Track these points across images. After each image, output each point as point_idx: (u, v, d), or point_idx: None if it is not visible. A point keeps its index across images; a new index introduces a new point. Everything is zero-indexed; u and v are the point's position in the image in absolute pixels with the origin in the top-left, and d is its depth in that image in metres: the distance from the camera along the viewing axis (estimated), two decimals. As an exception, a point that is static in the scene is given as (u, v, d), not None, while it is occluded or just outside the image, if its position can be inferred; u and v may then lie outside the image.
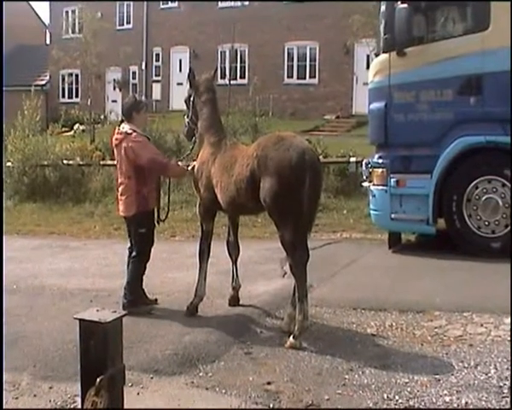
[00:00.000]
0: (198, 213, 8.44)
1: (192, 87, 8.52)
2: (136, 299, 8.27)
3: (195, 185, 8.33)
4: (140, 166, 8.20)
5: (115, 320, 3.89)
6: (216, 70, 8.89)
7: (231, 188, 7.49)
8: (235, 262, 8.53)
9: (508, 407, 5.35)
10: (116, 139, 8.40)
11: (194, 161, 8.49)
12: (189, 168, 8.40)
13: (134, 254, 8.36)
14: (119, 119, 8.85)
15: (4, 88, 28.94)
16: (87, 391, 3.78)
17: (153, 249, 8.51)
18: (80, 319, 3.92)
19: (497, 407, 5.31)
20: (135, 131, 8.27)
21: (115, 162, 8.91)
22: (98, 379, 3.73)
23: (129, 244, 8.53)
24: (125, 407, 4.31)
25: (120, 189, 8.40)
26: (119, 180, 8.44)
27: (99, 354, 3.81)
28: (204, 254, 8.26)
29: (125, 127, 8.32)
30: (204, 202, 8.18)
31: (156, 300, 8.51)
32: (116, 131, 8.49)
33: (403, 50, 10.80)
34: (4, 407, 5.44)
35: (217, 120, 8.36)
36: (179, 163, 8.62)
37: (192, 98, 8.49)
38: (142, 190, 8.25)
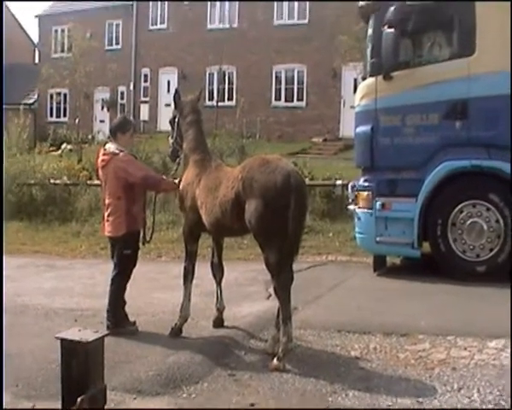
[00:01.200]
0: (183, 234, 8.45)
1: (177, 108, 8.56)
2: (120, 319, 8.23)
3: (180, 206, 8.35)
4: (130, 185, 8.15)
5: (97, 340, 3.88)
6: (201, 91, 8.91)
7: (216, 210, 7.49)
8: (219, 284, 8.50)
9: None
10: (103, 160, 8.32)
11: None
12: (177, 181, 8.40)
13: (115, 273, 8.31)
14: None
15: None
16: (68, 410, 3.77)
17: (138, 270, 8.49)
18: (62, 339, 3.91)
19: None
20: (122, 151, 8.25)
21: (101, 183, 8.84)
22: (79, 399, 3.72)
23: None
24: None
25: (109, 210, 8.30)
26: (107, 201, 8.33)
27: (80, 374, 3.80)
28: (188, 275, 8.25)
29: (112, 147, 8.30)
30: (189, 223, 8.20)
31: (135, 322, 8.41)
32: (102, 151, 8.43)
33: (389, 74, 10.87)
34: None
35: (202, 141, 8.38)
36: (170, 178, 8.61)
37: (177, 119, 8.52)
38: (132, 210, 8.21)
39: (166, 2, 40.67)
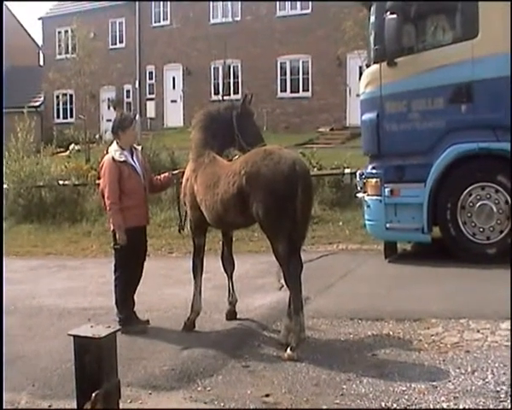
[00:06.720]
0: (189, 229, 8.48)
1: None
2: (129, 317, 8.26)
3: (184, 201, 8.42)
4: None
5: (109, 335, 3.91)
6: (247, 96, 8.83)
7: (217, 207, 7.52)
8: (230, 277, 8.55)
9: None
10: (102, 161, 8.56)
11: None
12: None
13: (114, 270, 8.54)
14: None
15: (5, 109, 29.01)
16: (83, 406, 3.80)
17: (150, 266, 8.52)
18: (74, 336, 3.94)
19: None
20: (113, 157, 8.23)
21: None
22: (93, 394, 3.75)
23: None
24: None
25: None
26: None
27: (94, 370, 3.82)
28: (197, 268, 8.30)
29: (110, 148, 8.38)
30: (193, 219, 8.25)
31: (148, 321, 8.48)
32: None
33: (393, 60, 10.85)
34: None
35: (199, 138, 8.25)
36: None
37: None
38: (123, 206, 8.28)
39: (169, -1, 40.70)
